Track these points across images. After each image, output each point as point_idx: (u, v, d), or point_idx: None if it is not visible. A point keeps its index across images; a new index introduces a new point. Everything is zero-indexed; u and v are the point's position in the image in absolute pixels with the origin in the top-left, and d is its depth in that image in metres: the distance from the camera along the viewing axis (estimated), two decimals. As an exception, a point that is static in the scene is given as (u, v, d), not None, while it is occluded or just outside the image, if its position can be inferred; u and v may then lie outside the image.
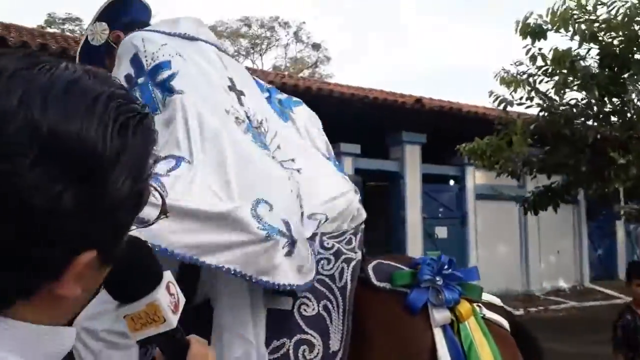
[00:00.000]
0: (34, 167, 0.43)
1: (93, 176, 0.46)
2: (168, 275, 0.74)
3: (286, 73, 13.39)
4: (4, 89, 0.45)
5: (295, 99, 2.10)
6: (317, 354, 1.43)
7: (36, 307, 0.50)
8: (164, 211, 0.68)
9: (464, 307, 1.53)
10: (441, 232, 10.43)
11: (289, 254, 1.36)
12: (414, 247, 9.91)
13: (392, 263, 1.64)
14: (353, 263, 1.56)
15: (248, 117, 1.63)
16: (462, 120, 9.20)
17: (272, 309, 1.46)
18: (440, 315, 1.49)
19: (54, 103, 0.46)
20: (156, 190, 0.64)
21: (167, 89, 1.50)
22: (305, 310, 1.47)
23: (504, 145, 5.15)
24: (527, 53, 5.00)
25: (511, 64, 5.27)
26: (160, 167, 1.28)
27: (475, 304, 1.59)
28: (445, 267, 1.58)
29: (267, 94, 1.91)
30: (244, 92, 1.71)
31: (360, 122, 9.90)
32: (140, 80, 1.55)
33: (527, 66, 5.15)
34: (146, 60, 1.59)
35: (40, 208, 0.43)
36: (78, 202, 0.45)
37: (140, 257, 0.70)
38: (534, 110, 5.43)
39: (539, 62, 5.04)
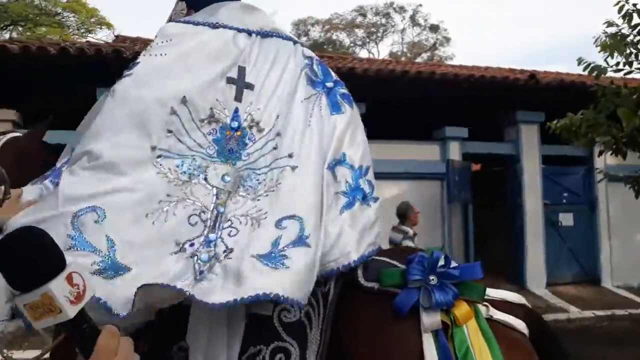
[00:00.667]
0: None
1: None
2: (73, 266, 0.73)
3: (390, 59, 13.03)
4: None
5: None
6: None
7: None
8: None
9: (461, 309, 1.36)
10: (566, 219, 9.48)
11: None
12: (535, 237, 9.15)
13: (387, 259, 1.50)
14: (334, 265, 1.45)
15: (236, 113, 1.57)
16: (583, 94, 8.25)
17: (252, 314, 1.40)
18: (430, 320, 1.34)
19: None
20: None
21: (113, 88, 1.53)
22: (285, 316, 1.38)
23: (602, 119, 4.46)
24: (619, 11, 4.26)
25: (603, 24, 4.51)
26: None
27: (480, 305, 1.40)
28: (440, 264, 1.41)
29: (331, 84, 1.76)
30: (251, 86, 1.63)
31: (467, 104, 9.37)
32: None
33: (619, 26, 4.38)
34: (143, 54, 1.64)
35: None
36: None
37: (34, 247, 0.71)
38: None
39: (636, 19, 4.26)
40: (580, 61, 4.59)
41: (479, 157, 10.04)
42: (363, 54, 33.20)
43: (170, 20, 1.91)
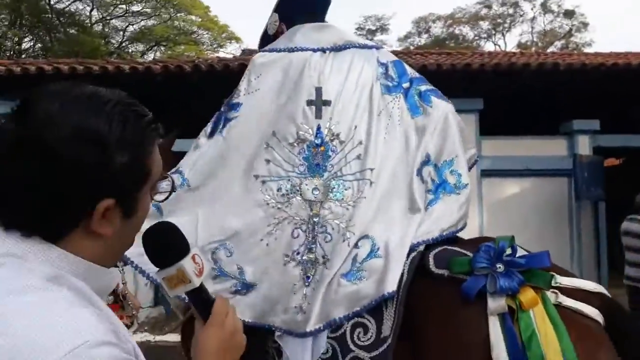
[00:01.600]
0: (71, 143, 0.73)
1: (105, 149, 0.75)
2: (194, 250, 0.99)
3: (514, 51, 12.37)
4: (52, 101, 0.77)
5: (433, 89, 2.06)
6: (370, 337, 1.54)
7: (80, 244, 0.76)
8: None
9: (526, 294, 1.44)
10: None
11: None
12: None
13: (457, 249, 1.62)
14: (413, 254, 1.62)
15: (319, 130, 1.80)
16: None
17: None
18: (495, 304, 1.44)
19: (79, 105, 0.77)
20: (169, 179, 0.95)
21: (225, 124, 1.88)
22: None
23: None
24: None
25: None
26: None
27: (549, 292, 1.46)
28: (507, 253, 1.49)
29: (407, 84, 1.95)
30: (328, 102, 1.84)
31: (600, 94, 8.69)
32: (223, 107, 1.95)
33: None
34: (237, 91, 1.94)
35: (85, 167, 0.74)
36: (97, 164, 0.74)
37: (171, 235, 0.96)
38: None
39: None
40: None
41: (614, 151, 9.26)
42: (489, 46, 31.88)
43: (265, 30, 2.17)
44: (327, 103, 1.83)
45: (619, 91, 8.45)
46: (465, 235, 6.73)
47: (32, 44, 22.40)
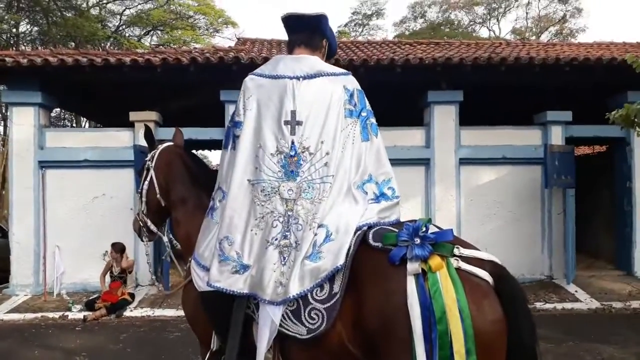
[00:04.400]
0: None
1: None
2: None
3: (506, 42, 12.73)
4: None
5: (376, 124, 2.51)
6: (325, 293, 2.08)
7: None
8: None
9: (434, 261, 1.94)
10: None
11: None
12: (645, 221, 8.83)
13: (389, 227, 2.17)
14: (358, 233, 2.17)
15: (293, 144, 2.29)
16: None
17: None
18: (412, 267, 1.95)
19: None
20: None
21: (234, 140, 2.41)
22: None
23: None
24: None
25: None
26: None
27: (453, 258, 1.99)
28: (422, 230, 2.04)
29: (365, 114, 2.42)
30: (301, 122, 2.32)
31: (573, 86, 9.20)
32: (229, 123, 2.47)
33: None
34: (237, 110, 2.43)
35: None
36: None
37: None
38: None
39: None
40: None
41: (586, 141, 9.80)
42: (483, 32, 32.19)
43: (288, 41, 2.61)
44: (299, 123, 2.32)
45: (591, 84, 8.97)
46: (444, 217, 7.50)
47: (29, 27, 22.63)
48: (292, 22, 2.52)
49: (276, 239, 2.22)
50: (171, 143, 3.09)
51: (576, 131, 8.94)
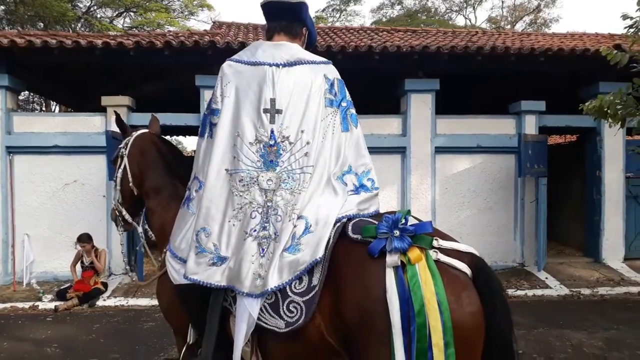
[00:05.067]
0: None
1: None
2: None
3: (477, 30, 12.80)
4: None
5: (356, 114, 2.48)
6: (303, 286, 2.05)
7: None
8: None
9: (413, 253, 1.93)
10: (649, 192, 9.24)
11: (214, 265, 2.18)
12: (614, 210, 9.04)
13: (369, 219, 2.16)
14: (337, 224, 2.15)
15: (272, 133, 2.22)
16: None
17: None
18: (391, 259, 1.94)
19: None
20: None
21: (211, 128, 2.32)
22: None
23: (631, 101, 4.45)
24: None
25: None
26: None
27: (432, 250, 1.98)
28: (401, 222, 2.03)
29: (345, 104, 2.36)
30: (280, 110, 2.24)
31: (547, 76, 9.32)
32: (206, 111, 2.38)
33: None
34: (215, 97, 2.33)
35: None
36: None
37: None
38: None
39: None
40: (625, 17, 4.36)
41: (558, 130, 9.95)
42: (459, 20, 32.35)
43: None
44: (279, 111, 2.24)
45: (564, 74, 9.10)
46: (419, 205, 7.52)
47: (-5, 6, 21.78)
48: (272, 8, 2.43)
49: (255, 230, 2.16)
50: (146, 130, 3.01)
51: (549, 121, 9.08)
